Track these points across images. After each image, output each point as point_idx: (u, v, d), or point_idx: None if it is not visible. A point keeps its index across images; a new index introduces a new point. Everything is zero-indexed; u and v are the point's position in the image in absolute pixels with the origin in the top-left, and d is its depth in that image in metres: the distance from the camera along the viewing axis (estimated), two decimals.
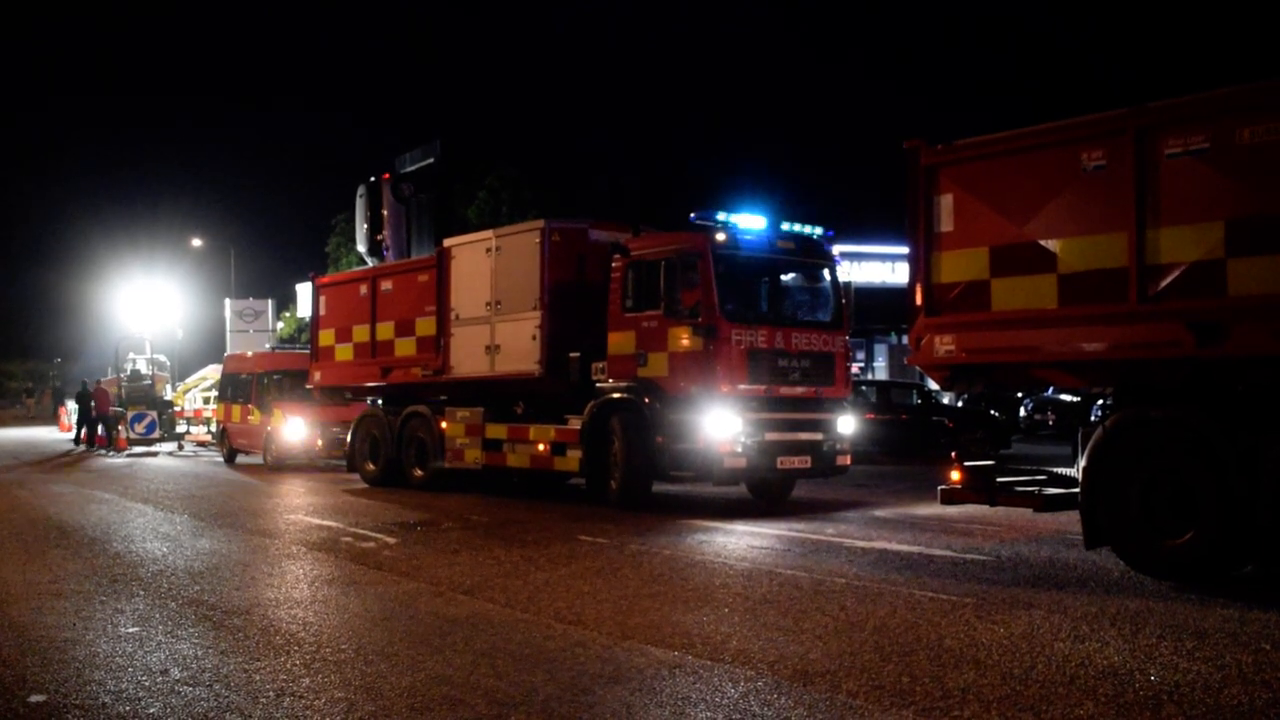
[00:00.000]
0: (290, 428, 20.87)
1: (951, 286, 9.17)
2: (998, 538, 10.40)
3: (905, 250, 9.84)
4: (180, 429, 29.71)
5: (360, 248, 26.94)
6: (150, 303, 44.36)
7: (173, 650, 6.19)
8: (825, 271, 13.79)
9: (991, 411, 26.41)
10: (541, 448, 14.17)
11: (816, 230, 13.90)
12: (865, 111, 70.95)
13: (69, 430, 32.84)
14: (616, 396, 13.07)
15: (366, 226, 25.83)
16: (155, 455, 26.54)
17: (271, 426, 21.40)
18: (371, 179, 26.05)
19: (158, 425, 28.34)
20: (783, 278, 13.71)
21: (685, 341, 12.48)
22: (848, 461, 13.58)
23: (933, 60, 73.96)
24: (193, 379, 37.43)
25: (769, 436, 12.61)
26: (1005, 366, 9.15)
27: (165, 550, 10.17)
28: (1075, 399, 28.73)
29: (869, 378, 35.22)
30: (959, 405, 26.67)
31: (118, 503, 14.79)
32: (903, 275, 18.33)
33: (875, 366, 40.91)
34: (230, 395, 23.90)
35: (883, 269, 40.97)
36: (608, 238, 13.92)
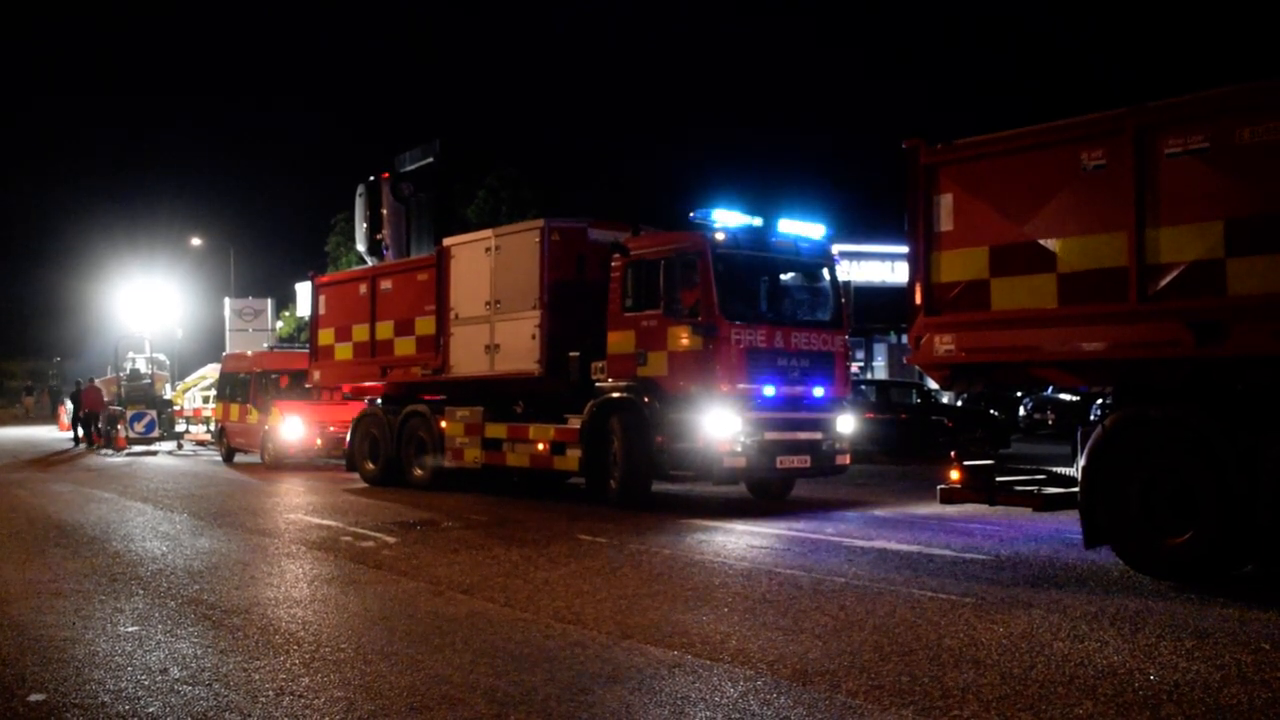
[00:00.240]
0: (288, 427, 20.89)
1: (951, 286, 9.17)
2: (997, 537, 10.40)
3: (905, 249, 9.84)
4: (179, 428, 29.71)
5: (360, 247, 26.90)
6: (150, 302, 44.36)
7: (172, 649, 6.19)
8: (824, 271, 13.81)
9: (991, 411, 26.39)
10: (541, 447, 14.18)
11: (816, 229, 13.91)
12: (865, 111, 71.04)
13: (68, 430, 32.87)
14: (616, 396, 13.07)
15: (366, 226, 25.80)
16: (154, 454, 26.54)
17: (269, 426, 21.42)
18: (371, 178, 26.02)
19: (157, 424, 28.33)
20: (782, 277, 13.72)
21: (685, 341, 12.49)
22: (847, 461, 13.60)
23: (933, 60, 74.00)
24: (192, 378, 37.42)
25: (768, 436, 12.62)
26: (1005, 366, 9.15)
27: (164, 549, 10.17)
28: (1075, 398, 28.73)
29: (868, 377, 35.25)
30: (958, 404, 26.65)
31: (117, 502, 14.79)
32: (902, 274, 18.34)
33: (875, 366, 40.90)
34: (229, 394, 23.97)
35: (882, 268, 40.99)
36: (607, 237, 13.92)
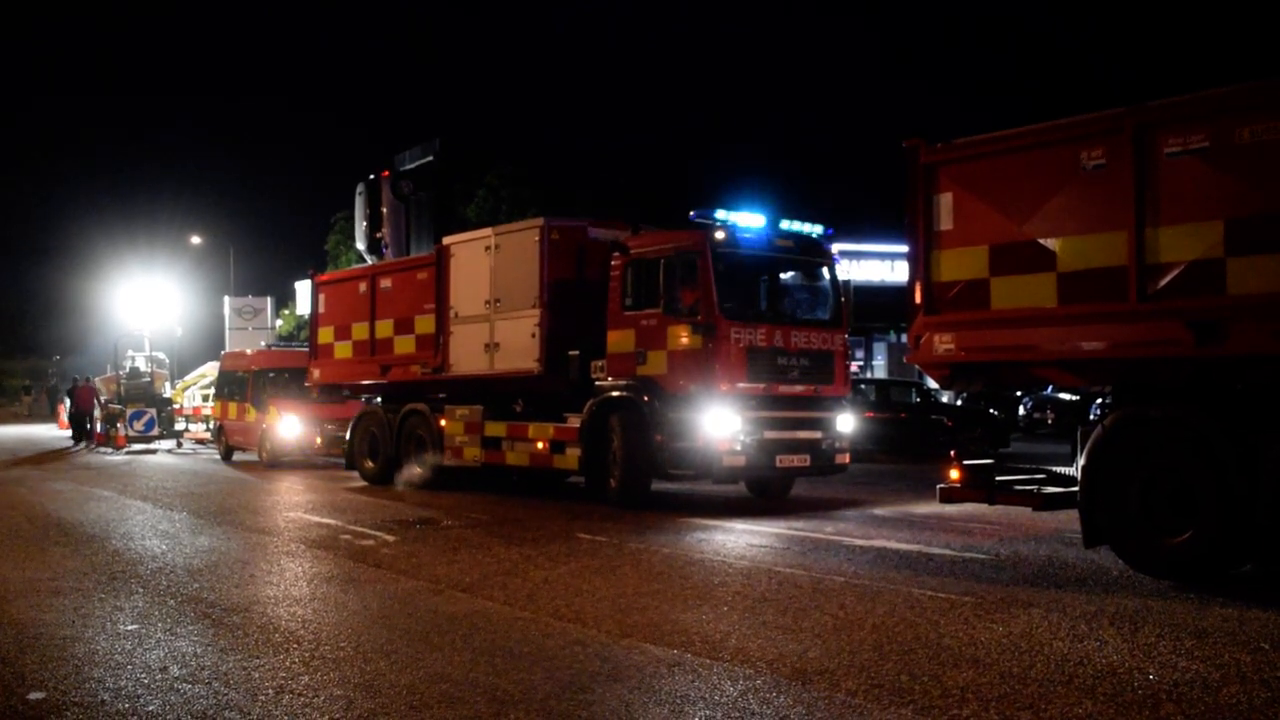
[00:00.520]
0: (285, 425, 20.92)
1: (951, 285, 9.17)
2: (997, 536, 10.40)
3: (904, 249, 9.84)
4: (179, 426, 29.71)
5: (359, 245, 26.88)
6: (149, 300, 44.32)
7: (172, 648, 6.19)
8: (824, 270, 13.81)
9: (990, 410, 26.40)
10: (540, 446, 14.17)
11: (816, 228, 13.91)
12: (865, 110, 71.02)
13: (67, 428, 32.90)
14: (616, 395, 13.07)
15: (366, 224, 25.79)
16: (154, 453, 26.55)
17: (267, 424, 21.44)
18: (371, 177, 26.00)
19: (156, 423, 28.31)
20: (782, 276, 13.72)
21: (684, 340, 12.49)
22: (846, 460, 13.60)
23: (933, 60, 73.97)
24: (191, 376, 37.37)
25: (768, 435, 12.62)
26: (1004, 365, 9.15)
27: (164, 548, 10.17)
28: (1074, 398, 28.74)
29: (868, 376, 35.24)
30: (958, 404, 26.65)
31: (116, 500, 14.79)
32: (902, 273, 18.37)
33: (874, 365, 40.85)
34: (227, 393, 24.00)
35: (882, 267, 41.01)
36: (607, 236, 13.92)
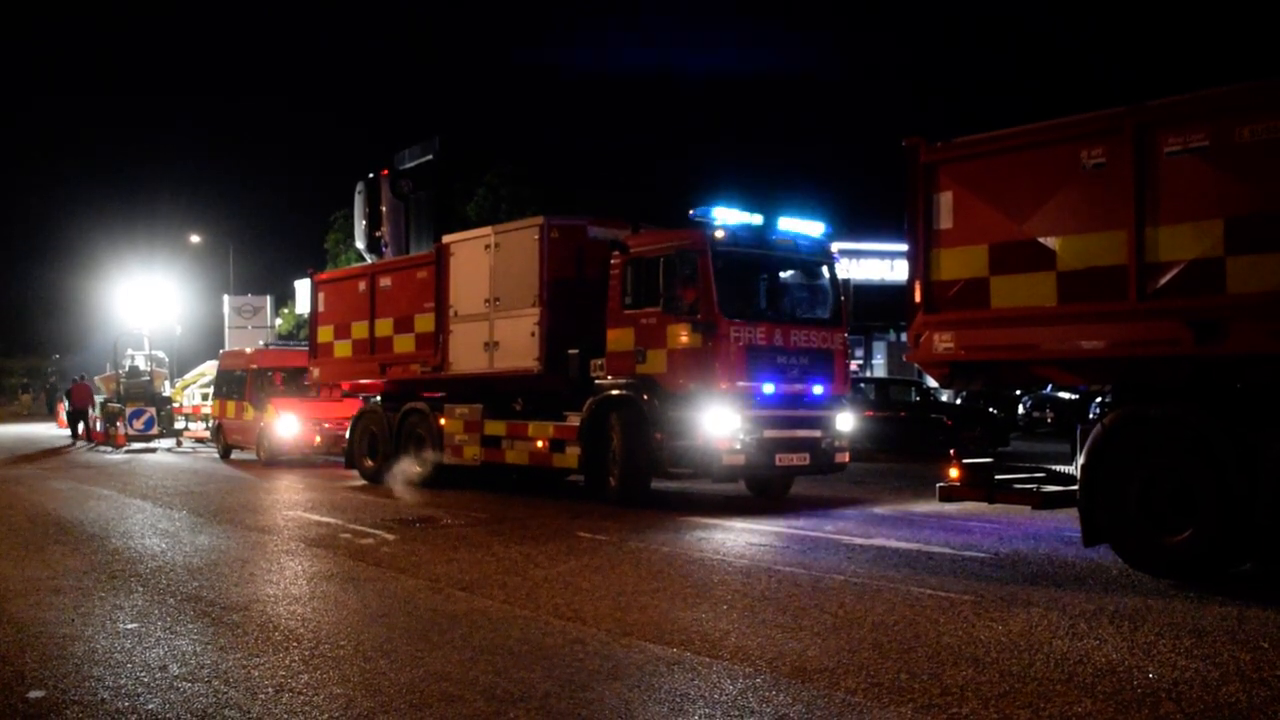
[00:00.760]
0: (283, 424, 20.94)
1: (951, 284, 9.17)
2: (996, 535, 10.41)
3: (904, 247, 9.84)
4: (178, 425, 29.71)
5: (359, 244, 26.92)
6: (149, 299, 44.28)
7: (171, 646, 6.19)
8: (824, 268, 13.81)
9: (990, 409, 26.38)
10: (540, 444, 14.18)
11: (815, 227, 13.91)
12: (865, 110, 70.92)
13: (66, 426, 32.93)
14: (615, 393, 13.08)
15: (365, 223, 25.83)
16: (154, 451, 26.54)
17: (264, 422, 21.45)
18: (370, 175, 26.03)
19: (156, 421, 28.31)
20: (781, 275, 13.72)
21: (684, 338, 12.49)
22: (846, 459, 13.60)
23: (933, 60, 73.90)
24: (191, 375, 37.33)
25: (767, 433, 12.62)
26: (1004, 364, 9.16)
27: (164, 546, 10.16)
28: (1074, 397, 28.73)
29: (868, 375, 35.25)
30: (958, 403, 26.66)
31: (116, 499, 14.79)
32: (902, 272, 18.35)
33: (874, 364, 40.86)
34: (226, 391, 24.02)
35: (881, 266, 40.99)
36: (607, 235, 13.92)
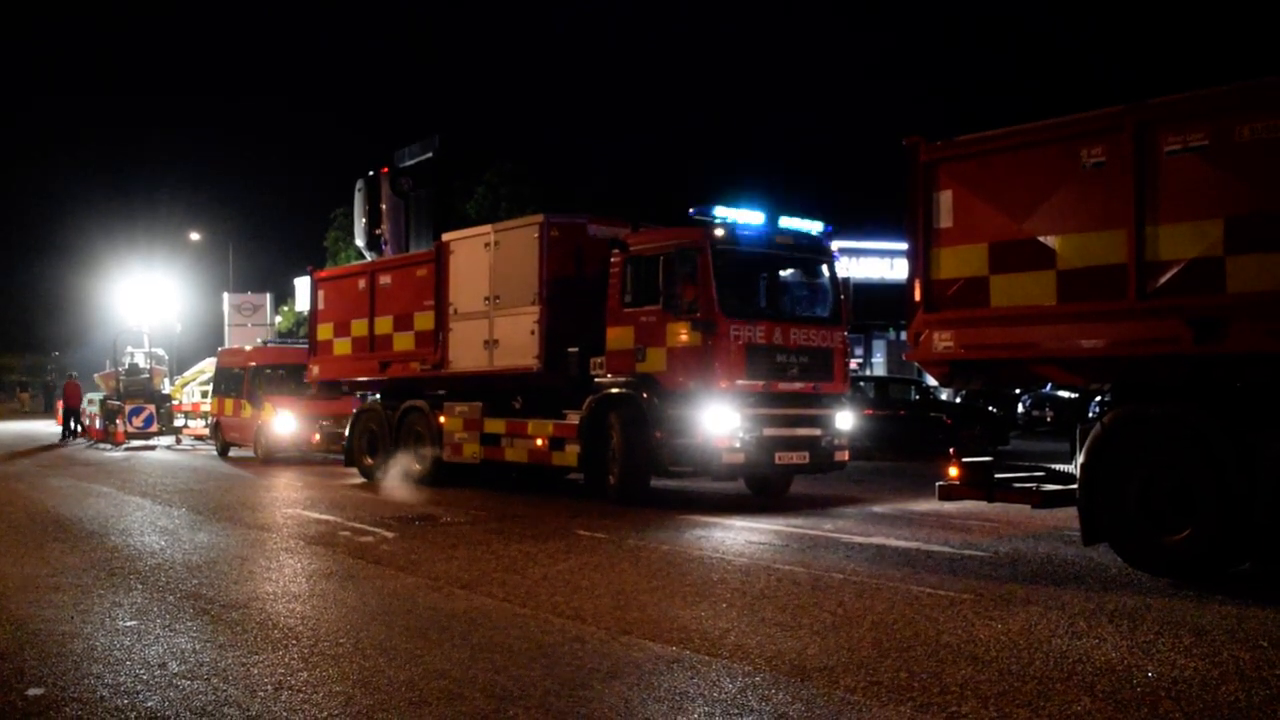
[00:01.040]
0: (280, 421, 20.95)
1: (950, 282, 9.16)
2: (996, 534, 10.41)
3: (904, 246, 9.84)
4: (178, 423, 29.71)
5: (359, 242, 26.89)
6: (148, 296, 44.30)
7: (171, 644, 6.19)
8: (824, 267, 13.80)
9: (990, 408, 26.39)
10: (540, 442, 14.17)
11: (815, 226, 13.91)
12: (864, 109, 70.95)
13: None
14: (615, 391, 13.08)
15: (365, 221, 25.80)
16: (153, 449, 26.55)
17: (262, 420, 21.46)
18: (370, 173, 26.00)
19: (155, 419, 28.31)
20: (781, 273, 13.71)
21: (684, 337, 12.49)
22: (846, 457, 13.60)
23: (933, 60, 73.88)
24: (190, 373, 37.31)
25: (767, 432, 12.62)
26: (1004, 363, 9.15)
27: (163, 544, 10.16)
28: (1073, 395, 28.71)
29: (867, 373, 35.23)
30: (957, 401, 26.65)
31: (115, 496, 14.79)
32: (901, 271, 18.35)
33: (874, 362, 40.83)
34: (224, 389, 24.02)
35: (881, 265, 40.98)
36: (607, 233, 13.92)
